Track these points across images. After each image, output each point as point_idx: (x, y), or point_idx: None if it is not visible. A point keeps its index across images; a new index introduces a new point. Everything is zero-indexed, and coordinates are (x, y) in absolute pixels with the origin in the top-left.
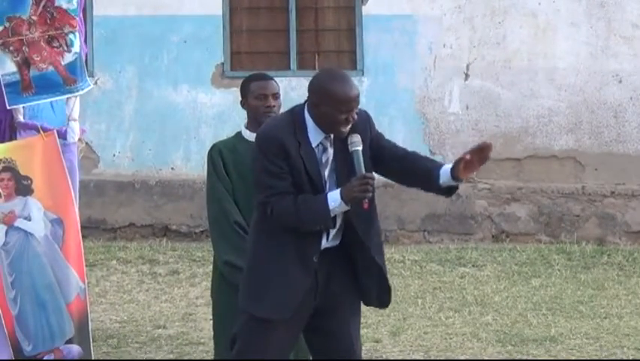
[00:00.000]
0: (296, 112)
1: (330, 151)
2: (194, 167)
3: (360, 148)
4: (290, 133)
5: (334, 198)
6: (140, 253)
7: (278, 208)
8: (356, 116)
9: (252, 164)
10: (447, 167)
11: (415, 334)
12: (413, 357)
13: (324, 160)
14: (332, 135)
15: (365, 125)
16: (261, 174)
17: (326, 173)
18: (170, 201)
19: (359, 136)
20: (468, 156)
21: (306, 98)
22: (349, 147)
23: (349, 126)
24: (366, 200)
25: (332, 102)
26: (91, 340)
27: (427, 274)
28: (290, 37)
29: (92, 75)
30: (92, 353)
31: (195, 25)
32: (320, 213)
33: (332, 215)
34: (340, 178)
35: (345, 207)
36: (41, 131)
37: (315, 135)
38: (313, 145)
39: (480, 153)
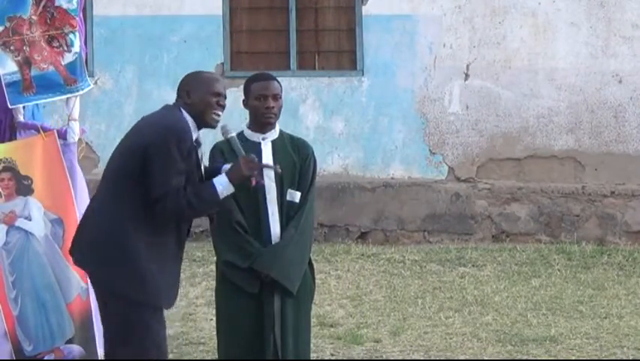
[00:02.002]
0: (178, 109)
1: (201, 147)
2: None
3: (234, 134)
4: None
5: (222, 182)
6: None
7: (172, 205)
8: (225, 103)
9: (156, 157)
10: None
11: (415, 334)
12: (413, 357)
13: (200, 154)
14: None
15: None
16: (170, 170)
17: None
18: None
19: (228, 125)
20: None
21: (175, 101)
22: (224, 135)
23: (221, 113)
24: (254, 178)
25: (203, 86)
26: (96, 339)
27: (427, 274)
28: (290, 37)
29: (92, 75)
30: (98, 352)
31: (195, 25)
32: (212, 199)
33: (221, 198)
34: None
35: (232, 190)
36: (41, 131)
37: (193, 131)
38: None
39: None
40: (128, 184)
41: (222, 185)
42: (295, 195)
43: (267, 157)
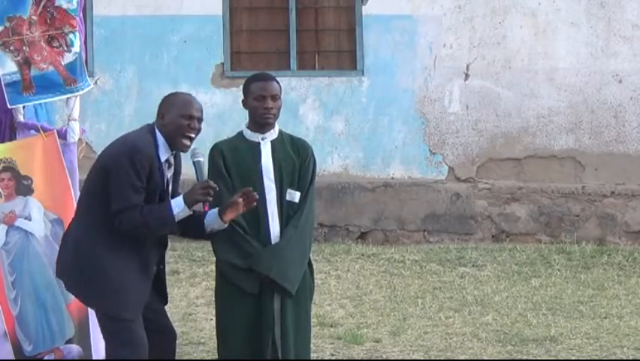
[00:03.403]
0: (150, 130)
1: (172, 168)
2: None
3: (202, 159)
4: (154, 150)
5: (178, 203)
6: None
7: (127, 220)
8: (199, 127)
9: (113, 173)
10: (214, 210)
11: (415, 334)
12: (413, 357)
13: (168, 176)
14: (174, 152)
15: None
16: (126, 187)
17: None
18: None
19: (199, 149)
20: (239, 199)
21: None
22: (192, 157)
23: (192, 137)
24: (207, 203)
25: (175, 108)
26: (91, 340)
27: (427, 274)
28: (290, 37)
29: (92, 75)
30: (93, 353)
31: (195, 25)
32: (166, 218)
33: (177, 220)
34: (173, 192)
35: (188, 212)
36: (41, 131)
37: (163, 152)
38: (162, 161)
39: (246, 198)
40: (96, 203)
41: (179, 207)
42: (295, 195)
43: (267, 157)
